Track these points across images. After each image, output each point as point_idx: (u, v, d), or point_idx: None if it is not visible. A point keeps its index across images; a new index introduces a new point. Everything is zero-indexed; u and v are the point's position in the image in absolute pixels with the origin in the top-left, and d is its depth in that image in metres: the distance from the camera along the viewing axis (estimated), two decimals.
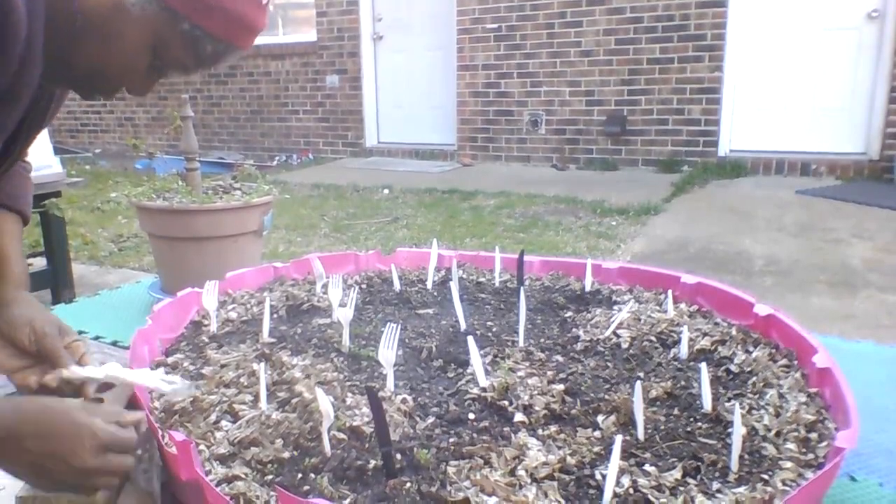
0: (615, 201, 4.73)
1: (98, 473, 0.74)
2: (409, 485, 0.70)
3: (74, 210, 4.01)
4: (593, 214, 4.45)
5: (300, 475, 0.74)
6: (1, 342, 0.91)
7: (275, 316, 1.21)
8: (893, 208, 4.29)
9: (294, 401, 0.86)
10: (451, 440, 0.79)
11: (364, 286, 1.38)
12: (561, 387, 0.91)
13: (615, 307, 1.22)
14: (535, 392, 0.89)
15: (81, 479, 0.74)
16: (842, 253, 3.43)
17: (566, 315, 1.21)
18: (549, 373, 0.96)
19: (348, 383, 0.94)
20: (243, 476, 0.73)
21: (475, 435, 0.81)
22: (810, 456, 0.74)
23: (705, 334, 1.07)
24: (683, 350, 1.02)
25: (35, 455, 0.71)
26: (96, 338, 1.93)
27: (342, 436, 0.80)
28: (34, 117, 0.91)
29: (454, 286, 1.17)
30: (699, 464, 0.74)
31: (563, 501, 0.68)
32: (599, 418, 0.85)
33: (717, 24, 5.73)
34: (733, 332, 1.08)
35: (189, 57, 0.81)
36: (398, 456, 0.76)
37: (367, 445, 0.79)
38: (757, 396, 0.89)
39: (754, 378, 0.94)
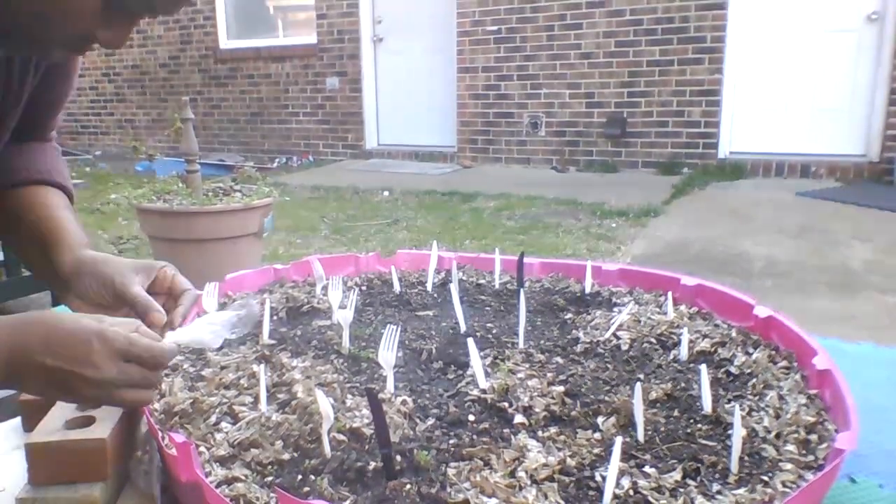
0: (615, 203, 4.73)
1: (119, 385, 0.69)
2: (409, 486, 0.70)
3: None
4: (593, 216, 4.45)
5: (300, 477, 0.74)
6: (85, 308, 0.85)
7: (275, 318, 1.21)
8: (893, 210, 4.29)
9: (294, 402, 0.86)
10: (451, 442, 0.79)
11: (364, 288, 1.38)
12: (561, 388, 0.91)
13: (615, 309, 1.22)
14: (535, 394, 0.89)
15: (104, 392, 0.69)
16: (841, 255, 3.44)
17: (566, 317, 1.21)
18: (549, 374, 0.96)
19: (348, 385, 0.94)
20: (243, 478, 0.73)
21: (475, 436, 0.81)
22: (810, 457, 0.74)
23: (705, 336, 1.07)
24: (683, 352, 1.02)
25: (50, 370, 0.67)
26: None
27: (342, 437, 0.80)
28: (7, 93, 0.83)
29: (454, 288, 1.17)
30: (699, 465, 0.74)
31: (563, 503, 0.68)
32: (599, 420, 0.85)
33: (717, 27, 5.74)
34: (733, 333, 1.08)
35: None
36: (398, 457, 0.76)
37: (367, 447, 0.79)
38: (757, 398, 0.89)
39: (754, 380, 0.93)
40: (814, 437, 0.78)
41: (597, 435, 0.81)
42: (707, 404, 0.86)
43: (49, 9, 0.66)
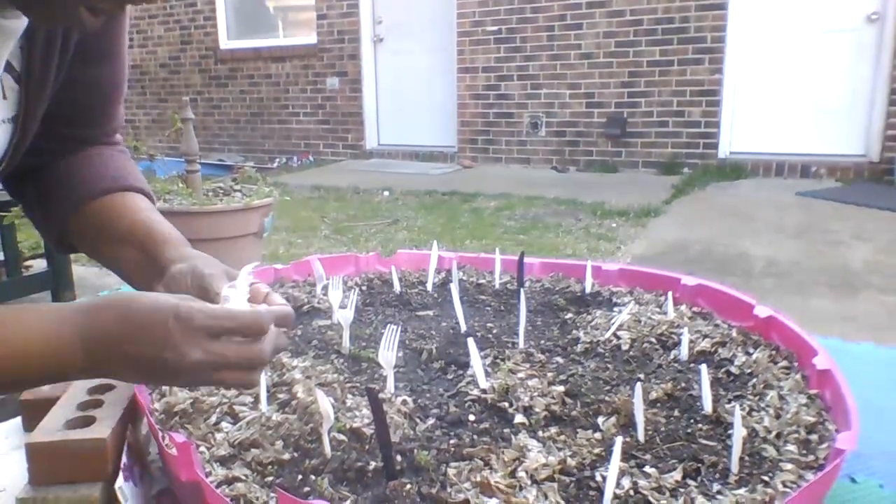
0: (615, 203, 4.73)
1: (210, 367, 0.61)
2: (409, 486, 0.70)
3: None
4: (593, 216, 4.45)
5: (300, 476, 0.74)
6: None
7: None
8: (893, 210, 4.29)
9: (294, 402, 0.86)
10: (452, 442, 0.79)
11: (364, 288, 1.38)
12: (561, 388, 0.91)
13: (615, 309, 1.21)
14: (536, 394, 0.89)
15: (196, 378, 0.62)
16: (842, 255, 3.44)
17: (566, 317, 1.21)
18: (550, 374, 0.96)
19: (348, 385, 0.94)
20: (243, 477, 0.73)
21: (475, 436, 0.81)
22: (811, 457, 0.74)
23: (705, 336, 1.07)
24: (684, 352, 1.02)
25: (132, 357, 0.60)
26: None
27: (342, 437, 0.80)
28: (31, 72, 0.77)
29: (454, 288, 1.17)
30: (699, 465, 0.74)
31: (563, 503, 0.68)
32: (600, 420, 0.85)
33: (717, 27, 5.74)
34: (733, 333, 1.08)
35: None
36: (398, 457, 0.76)
37: (367, 447, 0.79)
38: (757, 398, 0.89)
39: (754, 380, 0.93)
40: (814, 436, 0.78)
41: (597, 435, 0.81)
42: (707, 404, 0.86)
43: None
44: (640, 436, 0.80)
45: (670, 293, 1.21)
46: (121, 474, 0.74)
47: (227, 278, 0.75)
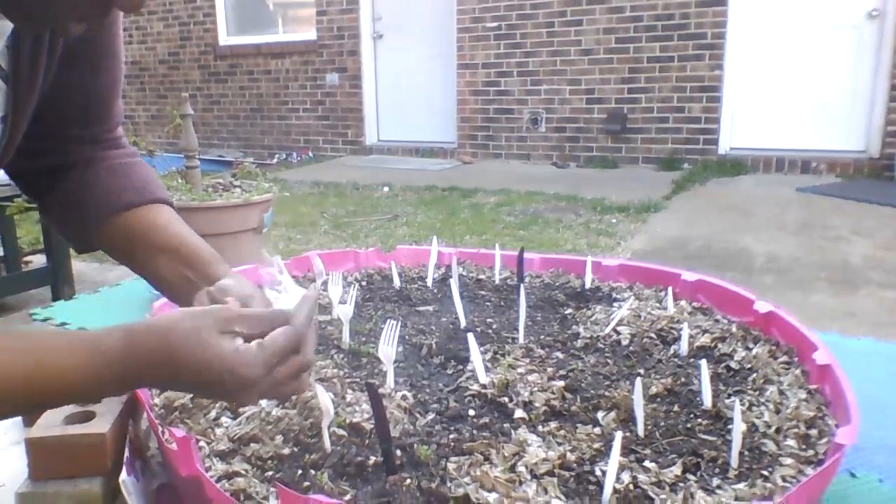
0: (615, 199, 4.73)
1: (267, 394, 0.65)
2: (409, 481, 0.70)
3: None
4: (593, 212, 4.45)
5: (300, 471, 0.74)
6: None
7: None
8: (893, 206, 4.29)
9: (294, 397, 0.86)
10: (452, 436, 0.79)
11: (364, 283, 1.37)
12: (561, 383, 0.91)
13: (615, 304, 1.21)
14: (536, 389, 0.89)
15: (247, 397, 0.64)
16: (842, 250, 3.44)
17: (566, 312, 1.21)
18: (550, 369, 0.96)
19: (348, 380, 0.94)
20: (243, 472, 0.73)
21: (475, 431, 0.81)
22: (810, 452, 0.74)
23: (705, 331, 1.07)
24: (683, 347, 1.02)
25: (185, 385, 0.64)
26: None
27: (342, 432, 0.80)
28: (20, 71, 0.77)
29: (454, 283, 1.17)
30: (699, 460, 0.74)
31: (563, 497, 0.68)
32: (599, 415, 0.85)
33: (718, 23, 5.73)
34: (733, 329, 1.08)
35: None
36: (398, 452, 0.76)
37: (367, 442, 0.79)
38: (757, 393, 0.89)
39: (754, 375, 0.93)
40: (814, 431, 0.78)
41: (597, 430, 0.81)
42: (707, 399, 0.86)
43: None
44: (640, 431, 0.80)
45: (670, 288, 1.21)
46: (124, 468, 0.74)
47: (259, 299, 0.79)
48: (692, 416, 0.85)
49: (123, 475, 0.73)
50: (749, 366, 0.96)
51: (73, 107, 0.91)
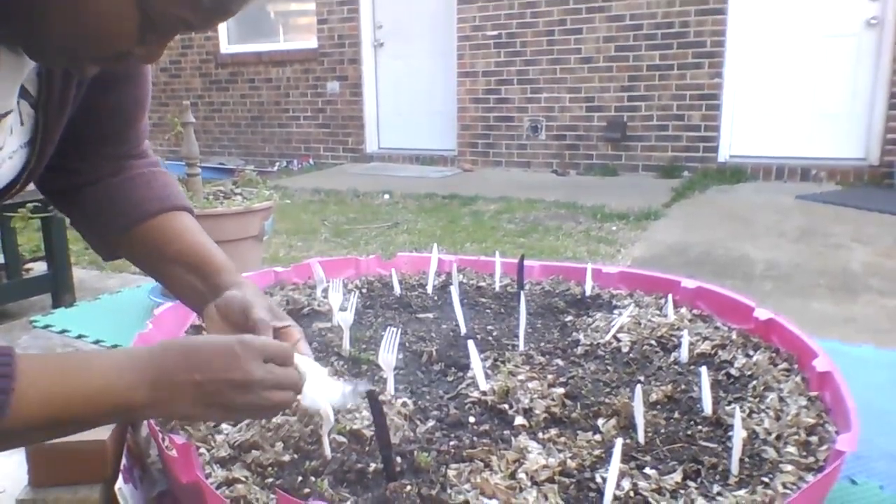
0: (615, 206, 4.73)
1: (266, 386, 0.69)
2: (409, 488, 0.70)
3: None
4: (594, 219, 4.45)
5: (300, 478, 0.74)
6: (218, 323, 0.86)
7: None
8: (893, 213, 4.29)
9: (294, 404, 0.86)
10: (452, 443, 0.79)
11: (364, 290, 1.38)
12: (561, 390, 0.91)
13: (615, 311, 1.22)
14: (536, 396, 0.89)
15: (254, 395, 0.68)
16: (842, 258, 3.43)
17: (566, 319, 1.21)
18: (550, 376, 0.96)
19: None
20: (243, 479, 0.73)
21: (475, 438, 0.81)
22: (811, 459, 0.74)
23: (705, 338, 1.07)
24: (684, 354, 1.02)
25: (198, 384, 0.67)
26: (97, 341, 1.93)
27: (342, 439, 0.80)
28: (49, 103, 0.79)
29: (454, 290, 1.17)
30: (699, 467, 0.74)
31: None
32: (600, 422, 0.85)
33: (717, 31, 5.74)
34: (733, 336, 1.08)
35: (185, 7, 0.65)
36: (398, 459, 0.76)
37: (367, 448, 0.79)
38: (757, 400, 0.89)
39: (755, 382, 0.94)
40: (814, 438, 0.78)
41: (597, 437, 0.81)
42: (707, 406, 0.86)
43: (85, 30, 0.64)
44: (641, 437, 0.80)
45: (670, 296, 1.21)
46: (120, 476, 0.74)
47: (268, 310, 0.84)
48: (692, 423, 0.85)
49: (120, 483, 0.73)
50: (749, 373, 0.96)
51: (102, 127, 0.95)
